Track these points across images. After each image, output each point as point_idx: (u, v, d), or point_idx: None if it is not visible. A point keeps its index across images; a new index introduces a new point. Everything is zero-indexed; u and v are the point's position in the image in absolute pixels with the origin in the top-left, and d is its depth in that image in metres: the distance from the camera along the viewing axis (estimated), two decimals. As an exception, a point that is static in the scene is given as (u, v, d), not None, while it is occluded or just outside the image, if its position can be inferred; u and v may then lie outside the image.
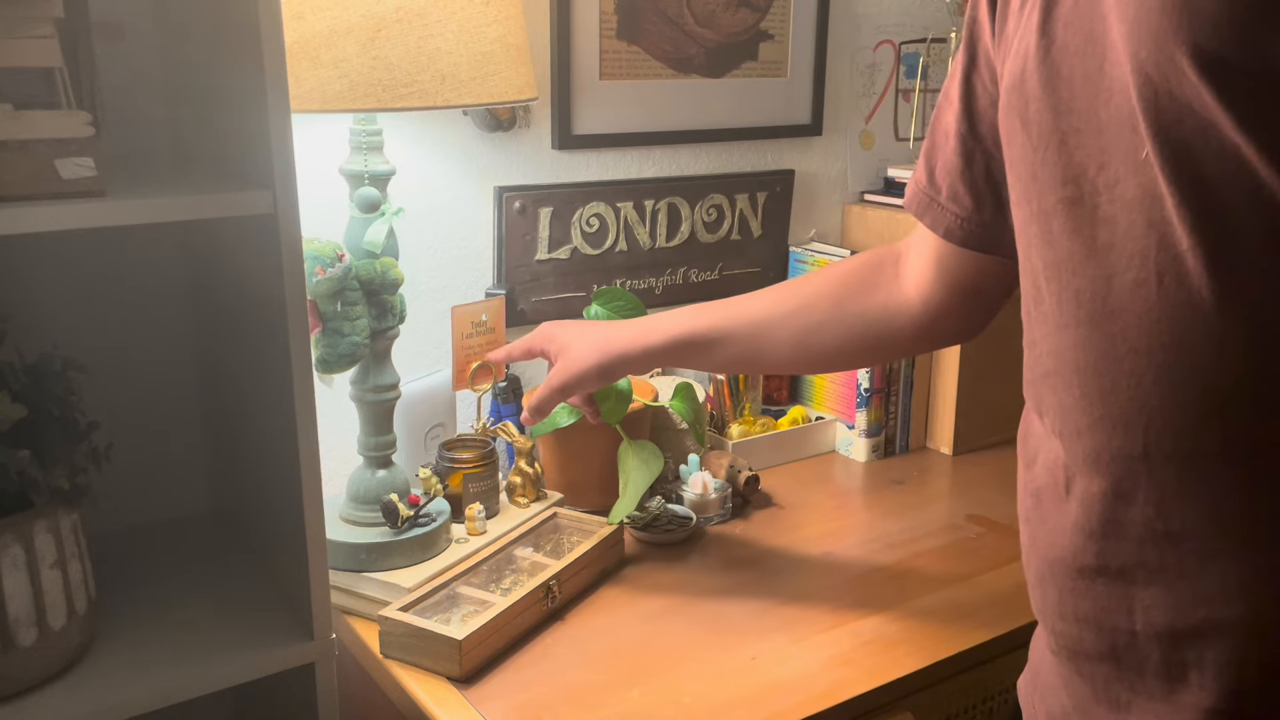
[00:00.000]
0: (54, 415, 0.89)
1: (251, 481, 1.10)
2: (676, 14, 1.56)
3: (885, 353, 1.08)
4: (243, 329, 1.03)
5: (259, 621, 0.99)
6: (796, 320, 1.03)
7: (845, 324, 1.01)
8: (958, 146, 0.82)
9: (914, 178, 0.89)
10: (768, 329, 1.05)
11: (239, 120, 0.92)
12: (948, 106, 0.83)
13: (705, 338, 1.07)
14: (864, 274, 1.02)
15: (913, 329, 0.98)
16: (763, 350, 1.06)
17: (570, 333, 1.16)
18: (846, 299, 1.01)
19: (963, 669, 1.12)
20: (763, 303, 1.07)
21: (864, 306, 1.00)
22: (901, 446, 1.65)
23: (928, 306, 0.96)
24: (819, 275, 1.05)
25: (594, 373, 1.11)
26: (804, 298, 1.04)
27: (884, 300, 0.99)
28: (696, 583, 1.24)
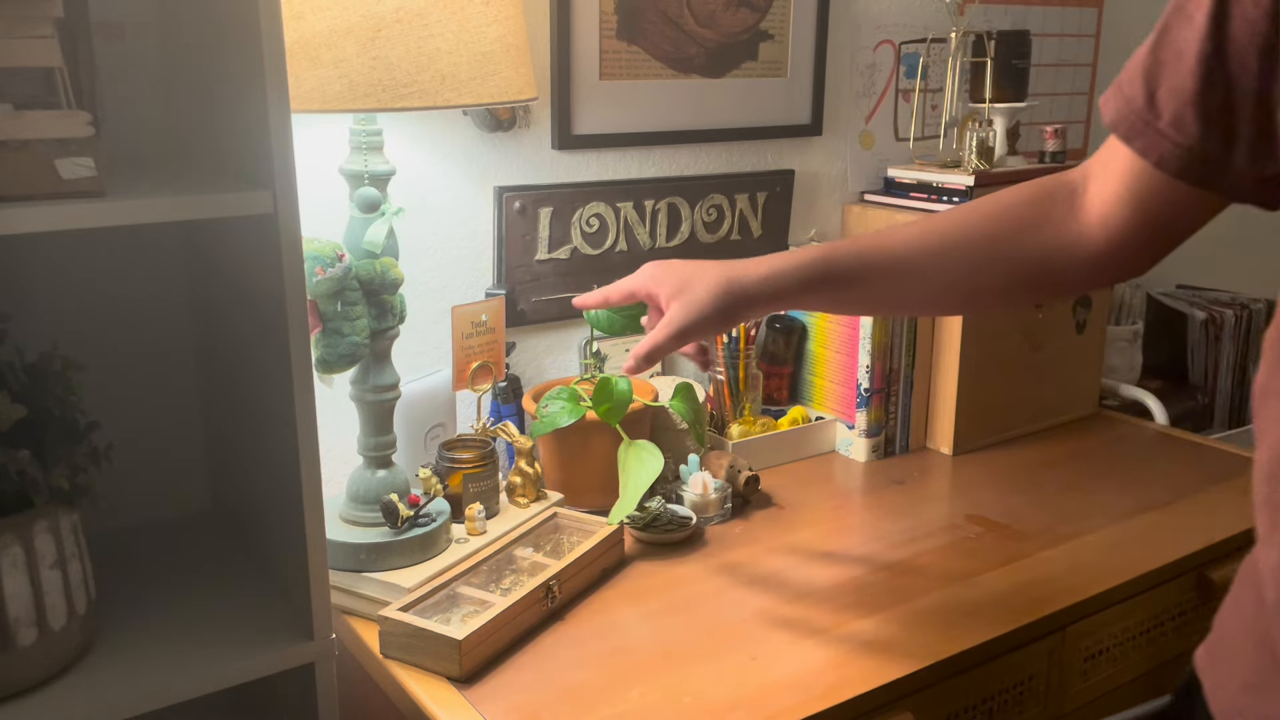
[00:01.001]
0: (54, 415, 0.89)
1: (251, 481, 1.10)
2: (676, 14, 1.56)
3: (1047, 291, 0.96)
4: (243, 329, 1.03)
5: (259, 622, 0.99)
6: (953, 257, 0.93)
7: (1011, 262, 0.92)
8: (1196, 69, 0.73)
9: (1122, 97, 0.79)
10: (918, 266, 0.94)
11: (239, 120, 0.92)
12: (1184, 24, 0.75)
13: (843, 272, 0.96)
14: (1033, 208, 0.92)
15: (1088, 265, 0.90)
16: (910, 289, 0.96)
17: (683, 272, 1.03)
18: (1014, 235, 0.92)
19: (963, 669, 1.12)
20: (911, 237, 0.96)
21: (1035, 243, 0.91)
22: (901, 446, 1.65)
23: (1111, 241, 0.88)
24: (976, 208, 0.95)
25: (717, 313, 0.99)
26: (962, 233, 0.94)
27: (1058, 236, 0.90)
28: (696, 583, 1.24)
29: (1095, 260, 0.89)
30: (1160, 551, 1.32)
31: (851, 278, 0.96)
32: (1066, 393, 1.79)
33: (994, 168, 1.69)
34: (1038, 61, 2.01)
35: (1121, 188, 0.85)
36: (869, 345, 1.57)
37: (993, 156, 1.71)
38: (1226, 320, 2.20)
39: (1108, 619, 1.27)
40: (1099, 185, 0.88)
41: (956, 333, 1.60)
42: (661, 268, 1.05)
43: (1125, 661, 1.33)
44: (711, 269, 1.01)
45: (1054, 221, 0.90)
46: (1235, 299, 2.27)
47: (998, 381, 1.66)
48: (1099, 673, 1.30)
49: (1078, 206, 0.90)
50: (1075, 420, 1.80)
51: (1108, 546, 1.34)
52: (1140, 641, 1.33)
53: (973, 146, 1.70)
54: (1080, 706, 1.29)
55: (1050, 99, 2.11)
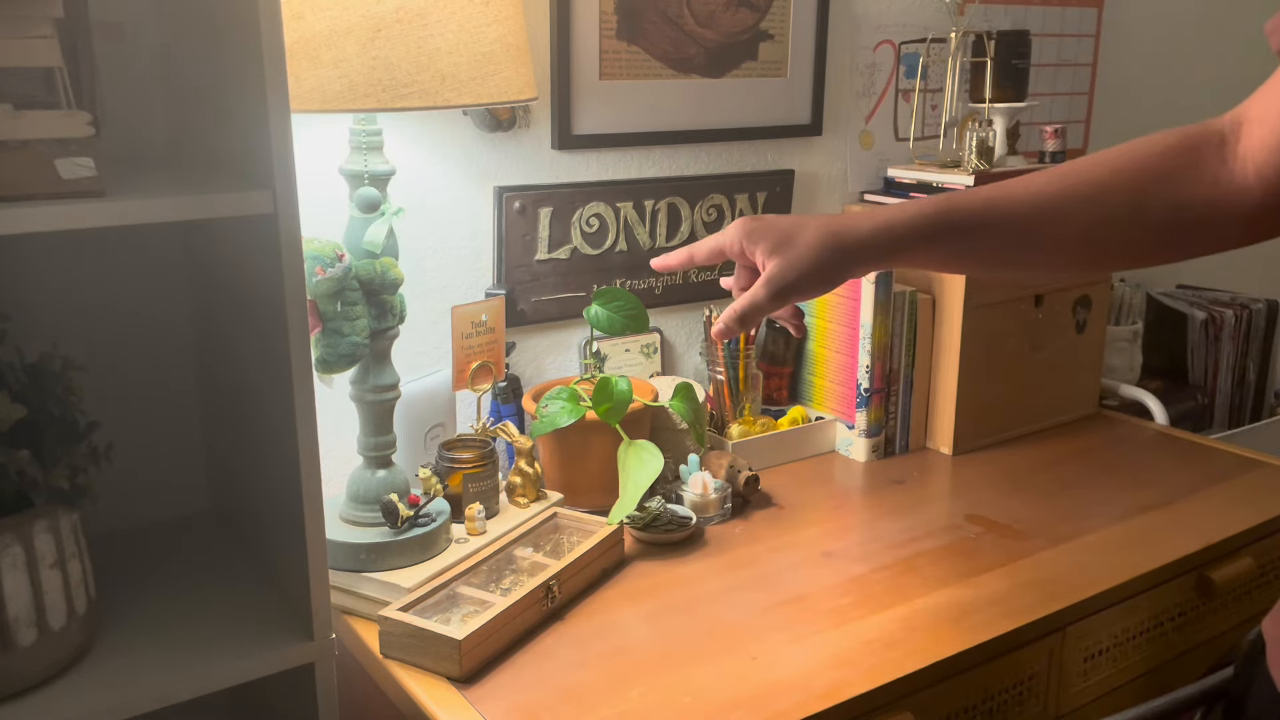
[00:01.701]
0: (54, 415, 0.89)
1: (251, 481, 1.10)
2: (676, 14, 1.56)
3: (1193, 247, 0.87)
4: (243, 329, 1.03)
5: (259, 621, 0.99)
6: (1089, 210, 0.85)
7: (1154, 216, 0.83)
8: None
9: None
10: (1049, 217, 0.85)
11: (239, 120, 0.92)
12: None
13: (967, 221, 0.87)
14: (1178, 157, 0.83)
15: (1240, 219, 0.81)
16: (1041, 241, 0.86)
17: (782, 225, 0.92)
18: (1156, 186, 0.83)
19: (963, 669, 1.12)
20: (1046, 183, 0.87)
21: (1181, 196, 0.82)
22: (901, 446, 1.65)
23: (1270, 192, 0.79)
24: (1114, 156, 0.86)
25: (823, 271, 0.89)
26: (1098, 183, 0.85)
27: (1208, 187, 0.81)
28: (696, 583, 1.24)
29: (1247, 213, 0.81)
30: (1160, 551, 1.32)
31: (976, 227, 0.87)
32: (1066, 393, 1.79)
33: (994, 168, 1.69)
34: (1038, 61, 2.01)
35: None
36: (869, 345, 1.57)
37: (993, 156, 1.71)
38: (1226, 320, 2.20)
39: (1108, 619, 1.27)
40: (1256, 130, 0.80)
41: (956, 333, 1.60)
42: (756, 221, 0.94)
43: (1125, 661, 1.33)
44: (813, 222, 0.92)
45: (1205, 172, 0.82)
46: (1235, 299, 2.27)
47: (998, 381, 1.66)
48: (1099, 673, 1.30)
49: (1229, 155, 0.82)
50: (1075, 420, 1.80)
51: (1108, 546, 1.34)
52: (1140, 641, 1.33)
53: (973, 146, 1.70)
54: (1080, 706, 1.29)
55: (1050, 99, 2.11)
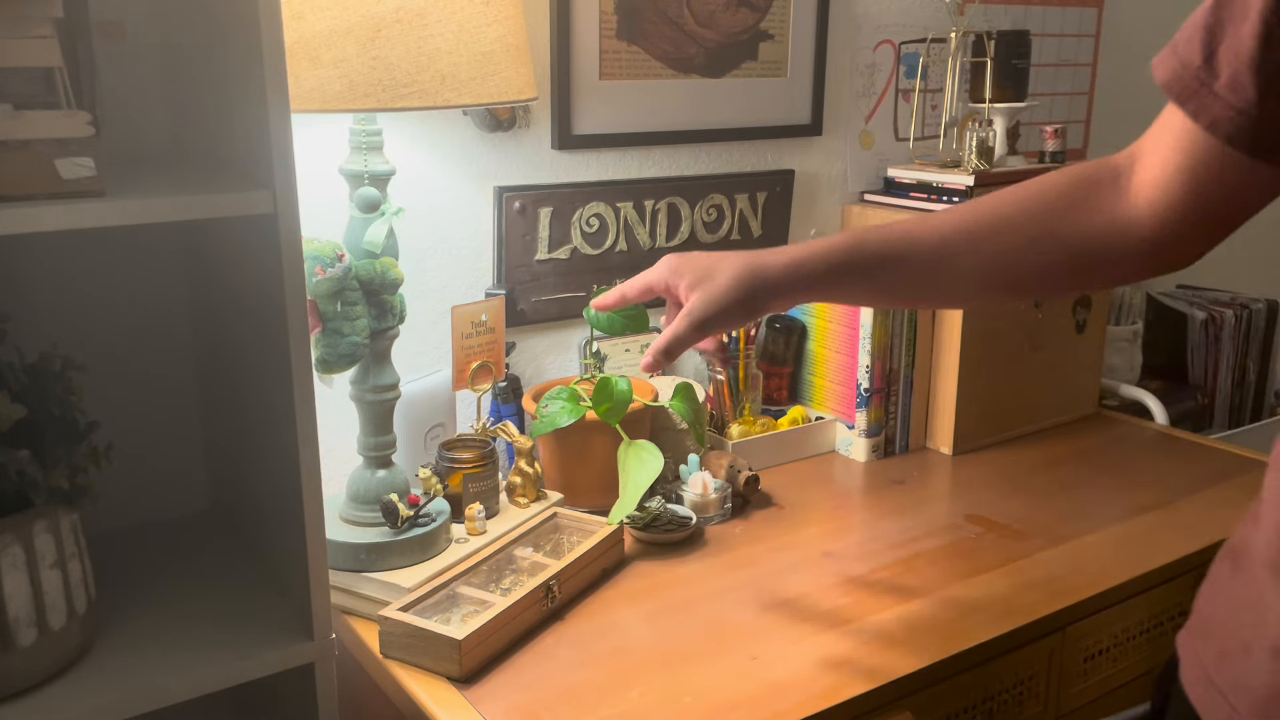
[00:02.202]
0: (54, 415, 0.89)
1: (251, 481, 1.10)
2: (676, 14, 1.56)
3: (1092, 280, 0.90)
4: (243, 329, 1.03)
5: (259, 622, 0.99)
6: (991, 243, 0.87)
7: (1053, 247, 0.85)
8: (1259, 27, 0.69)
9: (1177, 57, 0.75)
10: (952, 252, 0.88)
11: (239, 120, 0.92)
12: None
13: (874, 257, 0.90)
14: (1077, 190, 0.86)
15: (1137, 252, 0.84)
16: (946, 275, 0.89)
17: (703, 262, 0.98)
18: (1056, 218, 0.85)
19: (963, 669, 1.12)
20: (944, 222, 0.90)
21: (1079, 227, 0.84)
22: (901, 446, 1.65)
23: (1162, 224, 0.81)
24: (1014, 192, 0.89)
25: (740, 302, 0.93)
26: (997, 217, 0.88)
27: (1101, 218, 0.84)
28: (696, 583, 1.24)
29: (1143, 246, 0.83)
30: (1160, 551, 1.32)
31: (884, 263, 0.90)
32: (1066, 393, 1.79)
33: (994, 168, 1.69)
34: (1038, 61, 2.01)
35: (1172, 161, 0.79)
36: (869, 345, 1.57)
37: (993, 156, 1.71)
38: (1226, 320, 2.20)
39: (1108, 619, 1.27)
40: (1148, 163, 0.82)
41: (956, 333, 1.60)
42: (680, 259, 1.00)
43: (1125, 661, 1.33)
44: (732, 258, 0.96)
45: (1099, 203, 0.84)
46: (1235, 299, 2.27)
47: (998, 381, 1.66)
48: (1099, 673, 1.30)
49: (1124, 188, 0.84)
50: (1075, 420, 1.80)
51: (1108, 546, 1.34)
52: (1140, 641, 1.33)
53: (973, 146, 1.70)
54: (1080, 706, 1.29)
55: (1050, 99, 2.11)
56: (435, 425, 1.39)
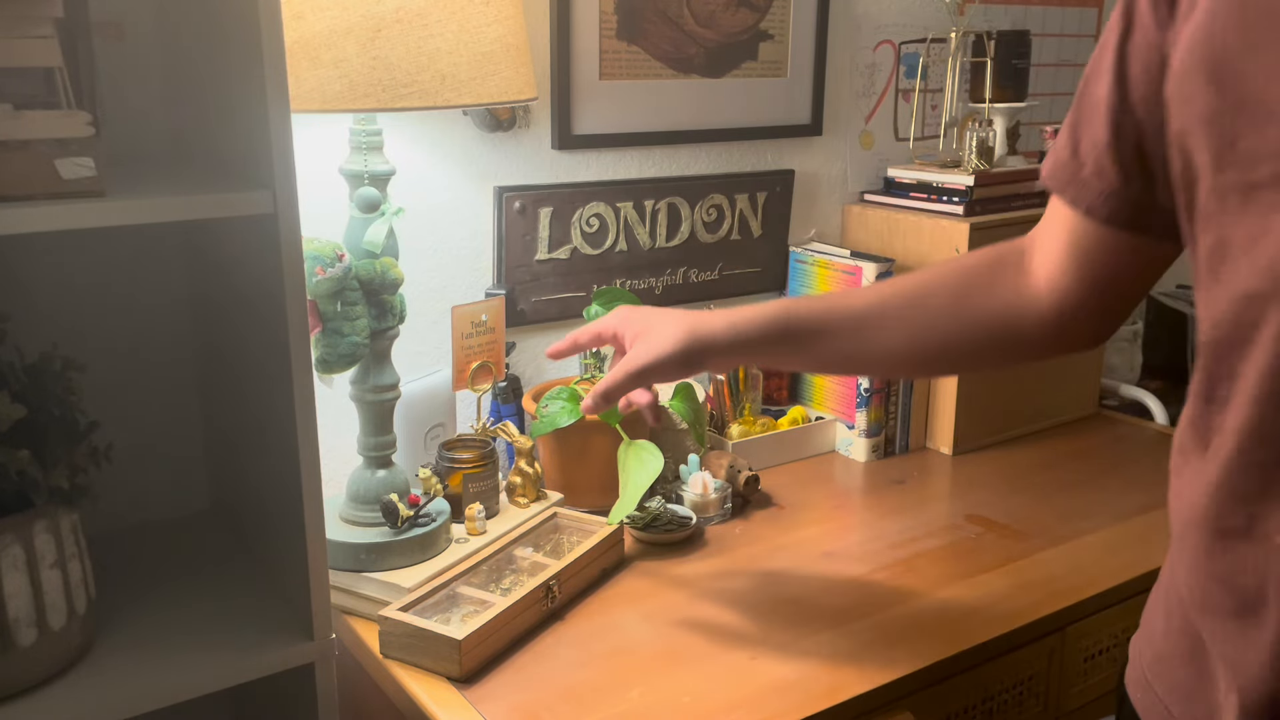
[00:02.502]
0: (54, 415, 0.89)
1: (251, 481, 1.10)
2: (676, 14, 1.56)
3: (1008, 355, 0.97)
4: (243, 329, 1.03)
5: (259, 621, 0.99)
6: (910, 314, 0.95)
7: (965, 320, 0.93)
8: (1107, 118, 0.77)
9: (1054, 152, 0.83)
10: (877, 322, 0.95)
11: (239, 120, 0.92)
12: (1099, 77, 0.78)
13: (805, 326, 0.97)
14: (985, 268, 0.94)
15: (1040, 328, 0.91)
16: (870, 345, 0.96)
17: (650, 317, 1.04)
18: (967, 294, 0.93)
19: (963, 669, 1.12)
20: (870, 295, 0.97)
21: (987, 302, 0.92)
22: (901, 446, 1.65)
23: (1058, 301, 0.88)
24: (933, 270, 0.97)
25: (678, 358, 0.99)
26: (918, 291, 0.96)
27: (1009, 295, 0.91)
28: (696, 583, 1.24)
29: (1047, 323, 0.90)
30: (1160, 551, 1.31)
31: (814, 332, 0.96)
32: (1066, 393, 1.78)
33: (994, 167, 1.69)
34: (1038, 61, 2.01)
35: (1063, 243, 0.86)
36: (869, 345, 1.57)
37: (993, 156, 1.71)
38: (1226, 320, 2.20)
39: (1108, 619, 1.27)
40: (1042, 245, 0.89)
41: (956, 333, 1.60)
42: (630, 310, 1.07)
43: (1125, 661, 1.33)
44: (676, 316, 1.02)
45: (1007, 281, 0.91)
46: (1235, 299, 2.26)
47: (998, 381, 1.66)
48: (1099, 673, 1.30)
49: (1025, 268, 0.91)
50: (1075, 420, 1.80)
51: (1108, 546, 1.34)
52: (1140, 641, 1.33)
53: (973, 146, 1.70)
54: (1080, 706, 1.29)
55: (1050, 99, 2.11)
56: (435, 425, 1.39)
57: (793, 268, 1.73)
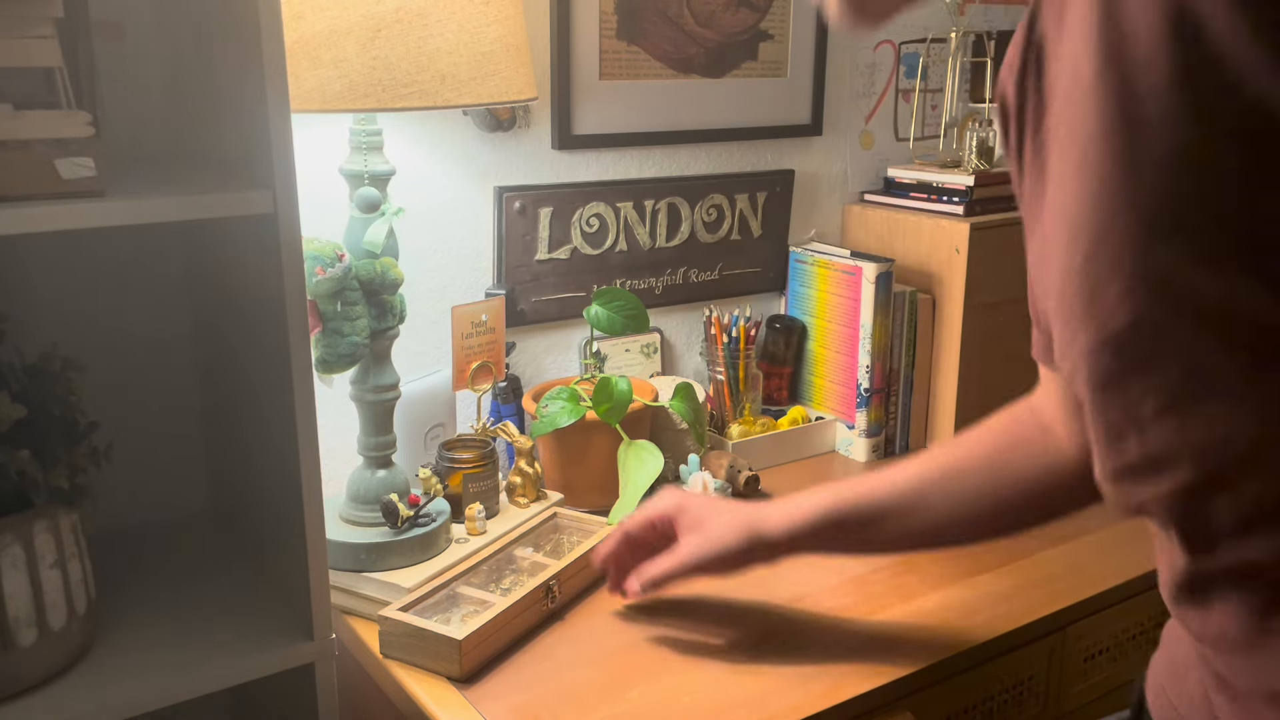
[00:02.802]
0: (54, 415, 0.89)
1: (251, 481, 1.10)
2: (676, 14, 1.56)
3: (1054, 509, 0.99)
4: (243, 329, 1.03)
5: (259, 621, 0.99)
6: (952, 484, 0.98)
7: (1006, 482, 0.96)
8: None
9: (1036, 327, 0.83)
10: (923, 497, 0.98)
11: (239, 120, 0.92)
12: None
13: (854, 518, 1.00)
14: (1011, 430, 0.96)
15: (1078, 477, 0.90)
16: (918, 525, 0.99)
17: (707, 507, 1.08)
18: (1000, 457, 0.96)
19: (963, 669, 1.12)
20: (913, 468, 1.00)
21: (1020, 463, 0.95)
22: (901, 446, 1.65)
23: (1082, 450, 0.88)
24: (968, 436, 1.00)
25: (736, 553, 1.04)
26: (955, 460, 0.98)
27: (1039, 452, 0.94)
28: (697, 583, 1.24)
29: (1078, 475, 0.89)
30: (1160, 551, 1.32)
31: (863, 522, 1.00)
32: (1066, 393, 1.78)
33: (994, 167, 1.69)
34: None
35: (1060, 401, 0.89)
36: (869, 345, 1.57)
37: (993, 156, 1.71)
38: (1226, 320, 2.20)
39: (1108, 619, 1.27)
40: (1049, 402, 0.92)
41: (956, 333, 1.60)
42: (686, 498, 1.10)
43: (1125, 661, 1.33)
44: (732, 509, 1.05)
45: (1032, 439, 0.94)
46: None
47: (998, 381, 1.66)
48: (1099, 673, 1.30)
49: (1045, 425, 0.93)
50: (1075, 420, 1.80)
51: (1108, 546, 1.34)
52: (1140, 641, 1.33)
53: (973, 146, 1.70)
54: (1080, 706, 1.29)
55: (1050, 99, 2.11)
56: (435, 425, 1.39)
57: (793, 268, 1.73)
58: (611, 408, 1.32)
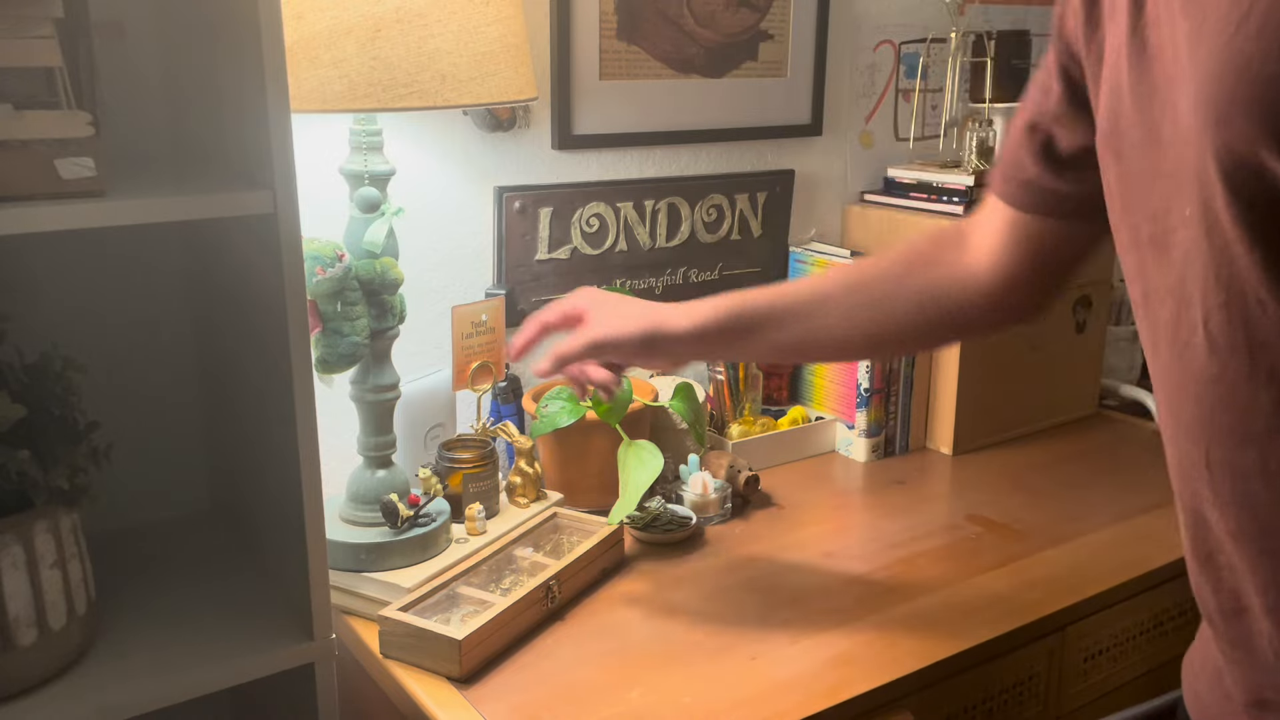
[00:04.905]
0: (54, 415, 0.89)
1: (251, 481, 1.10)
2: (676, 14, 1.56)
3: (953, 330, 1.04)
4: (243, 329, 1.03)
5: (259, 621, 0.99)
6: (858, 296, 1.00)
7: (910, 299, 0.99)
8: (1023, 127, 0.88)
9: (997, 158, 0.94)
10: (826, 307, 1.00)
11: (239, 120, 0.92)
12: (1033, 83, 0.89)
13: (757, 317, 1.01)
14: (926, 248, 1.00)
15: (982, 301, 0.97)
16: (821, 330, 1.01)
17: (617, 300, 1.09)
18: (909, 273, 0.99)
19: (963, 669, 1.12)
20: (818, 282, 1.03)
21: (929, 279, 0.98)
22: (901, 446, 1.65)
23: (996, 276, 0.95)
24: (878, 257, 1.03)
25: (637, 339, 1.03)
26: (864, 275, 1.01)
27: (950, 271, 0.97)
28: (696, 583, 1.24)
29: (988, 298, 0.96)
30: (1160, 551, 1.32)
31: (767, 319, 1.01)
32: (1066, 393, 1.78)
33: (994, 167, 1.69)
34: (1037, 61, 2.01)
35: (996, 227, 0.94)
36: (869, 345, 1.57)
37: (992, 156, 1.71)
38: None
39: (1108, 619, 1.27)
40: (984, 230, 0.96)
41: (956, 333, 1.60)
42: (596, 291, 1.11)
43: (1125, 661, 1.33)
44: (642, 303, 1.07)
45: (947, 259, 0.98)
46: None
47: (998, 381, 1.66)
48: (1099, 673, 1.30)
49: (966, 247, 0.98)
50: (1075, 420, 1.80)
51: (1108, 546, 1.34)
52: (1140, 641, 1.33)
53: (973, 146, 1.70)
54: (1080, 706, 1.29)
55: (1050, 99, 2.11)
56: (435, 425, 1.39)
57: (793, 268, 1.73)
58: (611, 408, 1.32)
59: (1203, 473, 0.68)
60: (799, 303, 1.01)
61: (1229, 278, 0.63)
